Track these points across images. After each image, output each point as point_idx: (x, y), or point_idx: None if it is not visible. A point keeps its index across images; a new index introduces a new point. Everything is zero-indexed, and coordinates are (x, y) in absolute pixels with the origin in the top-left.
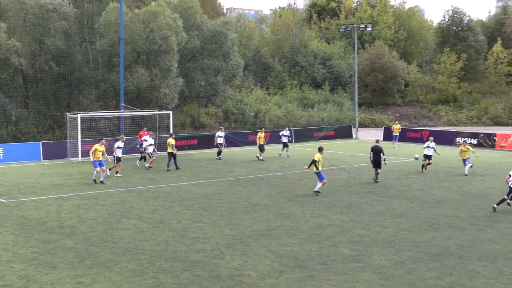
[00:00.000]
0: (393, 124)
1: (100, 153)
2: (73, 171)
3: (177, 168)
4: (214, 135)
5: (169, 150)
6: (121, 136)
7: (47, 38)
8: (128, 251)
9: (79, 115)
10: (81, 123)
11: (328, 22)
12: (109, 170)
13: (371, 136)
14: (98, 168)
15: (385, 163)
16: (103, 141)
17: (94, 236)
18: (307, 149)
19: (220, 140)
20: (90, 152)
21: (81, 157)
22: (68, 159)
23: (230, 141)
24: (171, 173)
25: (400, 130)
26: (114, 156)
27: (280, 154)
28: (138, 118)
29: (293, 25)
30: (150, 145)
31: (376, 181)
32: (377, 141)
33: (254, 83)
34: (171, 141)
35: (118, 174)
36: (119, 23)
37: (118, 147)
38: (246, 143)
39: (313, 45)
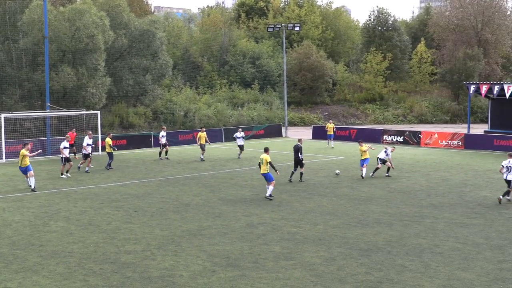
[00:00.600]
0: (327, 123)
1: (27, 159)
2: None
3: (108, 168)
4: (146, 135)
5: (108, 150)
6: (88, 132)
7: None
8: (56, 254)
9: (2, 116)
10: (4, 124)
11: (256, 21)
12: (79, 167)
13: (300, 134)
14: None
15: (302, 163)
16: (29, 146)
17: (20, 240)
18: (235, 148)
19: (164, 140)
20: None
21: (5, 158)
22: None
23: (158, 141)
24: (99, 174)
25: (334, 129)
26: (81, 153)
27: (239, 157)
28: (65, 118)
29: (221, 24)
30: (88, 145)
31: (300, 180)
32: (299, 140)
33: (184, 82)
34: (109, 140)
35: (87, 170)
36: (43, 21)
37: (87, 144)
38: (176, 143)
39: (242, 45)
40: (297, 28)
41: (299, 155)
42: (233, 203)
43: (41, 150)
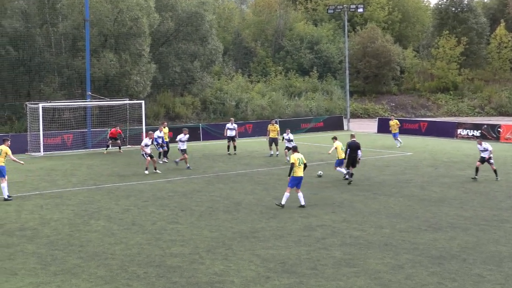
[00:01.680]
0: (391, 120)
1: (3, 158)
2: (34, 167)
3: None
4: (194, 127)
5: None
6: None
7: (3, 20)
8: (97, 255)
9: (40, 105)
10: (42, 114)
11: (315, 2)
12: (176, 162)
13: (364, 127)
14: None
15: (358, 163)
16: (8, 142)
17: (59, 240)
18: (295, 143)
19: (232, 133)
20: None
21: (43, 151)
22: (28, 153)
23: (209, 134)
24: (144, 169)
25: (399, 125)
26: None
27: (229, 153)
28: (106, 108)
29: (277, 6)
30: (181, 141)
31: (349, 182)
32: (353, 136)
33: (235, 69)
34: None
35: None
36: (84, 3)
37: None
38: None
39: (299, 28)
40: (360, 10)
41: (359, 153)
42: (290, 203)
43: (23, 163)
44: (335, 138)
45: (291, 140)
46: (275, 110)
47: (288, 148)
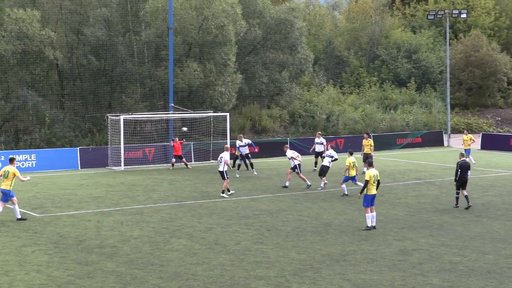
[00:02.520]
0: (464, 135)
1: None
2: (115, 182)
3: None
4: (281, 141)
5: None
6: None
7: (85, 28)
8: (178, 276)
9: (121, 117)
10: (124, 126)
11: (414, 7)
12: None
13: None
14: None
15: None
16: (15, 161)
17: (139, 258)
18: (390, 159)
19: (320, 148)
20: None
21: (124, 165)
22: (109, 167)
23: (297, 149)
24: (228, 186)
25: (473, 141)
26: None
27: (315, 169)
28: (189, 121)
29: (372, 12)
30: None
31: (467, 206)
32: (463, 155)
33: (326, 80)
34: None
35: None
36: (168, 10)
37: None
38: (308, 149)
39: (396, 35)
40: (463, 15)
41: (468, 174)
42: (383, 225)
43: (29, 178)
44: (350, 153)
45: (334, 159)
46: (368, 124)
47: (320, 174)
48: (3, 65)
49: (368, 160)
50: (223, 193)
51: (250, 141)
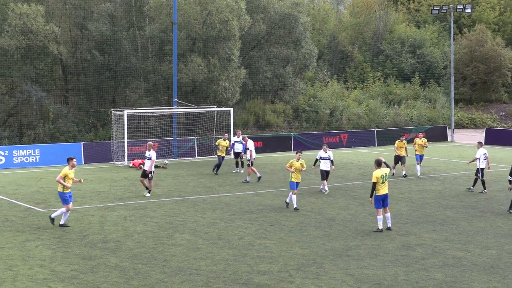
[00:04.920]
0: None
1: (71, 180)
2: (119, 177)
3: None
4: (285, 136)
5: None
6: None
7: (89, 23)
8: (181, 271)
9: (125, 112)
10: (128, 121)
11: (418, 2)
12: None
13: (469, 139)
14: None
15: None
16: (73, 161)
17: (142, 253)
18: (393, 154)
19: (240, 147)
20: (60, 178)
21: (128, 160)
22: (113, 162)
23: (301, 144)
24: (230, 181)
25: (426, 146)
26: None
27: (237, 170)
28: (193, 116)
29: (376, 6)
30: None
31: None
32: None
33: (330, 75)
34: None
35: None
36: (172, 5)
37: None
38: (320, 146)
39: (400, 30)
40: (468, 10)
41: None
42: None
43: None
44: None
45: (331, 160)
46: (372, 119)
47: (322, 176)
48: (7, 60)
49: (376, 160)
50: (149, 192)
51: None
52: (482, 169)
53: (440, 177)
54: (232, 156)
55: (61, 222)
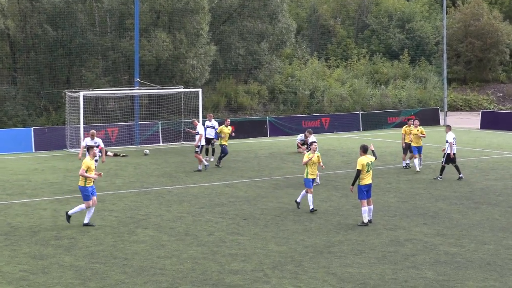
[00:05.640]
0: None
1: (93, 172)
2: (74, 166)
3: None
4: (260, 120)
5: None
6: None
7: None
8: (144, 270)
9: (81, 94)
10: (84, 104)
11: None
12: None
13: (464, 122)
14: (94, 199)
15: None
16: (95, 150)
17: (100, 251)
18: (380, 140)
19: (212, 133)
20: (83, 171)
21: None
22: (67, 150)
23: (277, 128)
24: (199, 170)
25: (423, 135)
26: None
27: (206, 159)
28: (157, 98)
29: None
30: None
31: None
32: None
33: (310, 52)
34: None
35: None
36: None
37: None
38: (299, 131)
39: (388, 2)
40: None
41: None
42: (373, 213)
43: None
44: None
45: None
46: (356, 101)
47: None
48: None
49: (362, 145)
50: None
51: (216, 124)
52: (454, 154)
53: (431, 165)
54: (203, 142)
55: (85, 221)
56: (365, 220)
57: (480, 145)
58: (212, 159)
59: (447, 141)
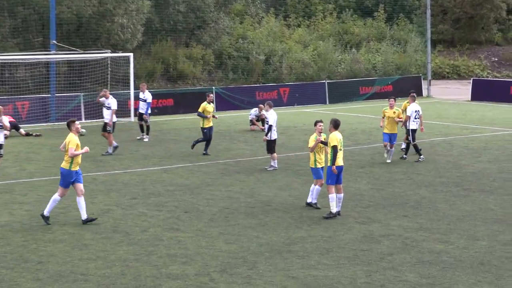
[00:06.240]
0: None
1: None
2: None
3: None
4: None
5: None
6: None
7: None
8: (63, 276)
9: None
10: None
11: None
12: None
13: (451, 93)
14: (81, 187)
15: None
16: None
17: (8, 253)
18: (350, 115)
19: (143, 107)
20: (73, 151)
21: None
22: None
23: (226, 101)
24: (131, 152)
25: (400, 119)
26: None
27: (142, 136)
28: (78, 65)
29: None
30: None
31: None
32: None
33: (265, 8)
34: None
35: None
36: None
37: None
38: (252, 104)
39: None
40: None
41: None
42: (342, 203)
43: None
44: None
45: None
46: (322, 68)
47: (269, 150)
48: None
49: (332, 119)
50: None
51: (150, 98)
52: (414, 130)
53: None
54: (133, 118)
55: (84, 217)
56: (334, 210)
57: (471, 120)
58: (146, 138)
59: (408, 116)
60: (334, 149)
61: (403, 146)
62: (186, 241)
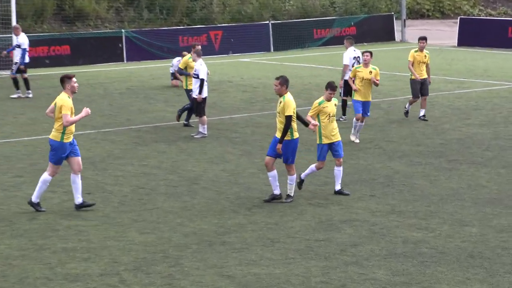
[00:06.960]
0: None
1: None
2: None
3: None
4: (112, 36)
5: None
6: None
7: None
8: None
9: None
10: None
11: None
12: None
13: (434, 36)
14: (79, 161)
15: None
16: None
17: None
18: (302, 65)
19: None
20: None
21: None
22: None
23: (140, 49)
24: (14, 116)
25: (376, 81)
26: None
27: (19, 94)
28: None
29: None
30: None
31: None
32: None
33: None
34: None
35: None
36: None
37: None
38: (174, 52)
39: None
40: None
41: None
42: (286, 179)
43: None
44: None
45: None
46: (265, 4)
47: (197, 112)
48: None
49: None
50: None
51: (27, 43)
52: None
53: (382, 103)
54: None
55: (77, 202)
56: (277, 192)
57: (457, 72)
58: (30, 94)
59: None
60: (288, 119)
61: (407, 107)
62: (88, 231)
